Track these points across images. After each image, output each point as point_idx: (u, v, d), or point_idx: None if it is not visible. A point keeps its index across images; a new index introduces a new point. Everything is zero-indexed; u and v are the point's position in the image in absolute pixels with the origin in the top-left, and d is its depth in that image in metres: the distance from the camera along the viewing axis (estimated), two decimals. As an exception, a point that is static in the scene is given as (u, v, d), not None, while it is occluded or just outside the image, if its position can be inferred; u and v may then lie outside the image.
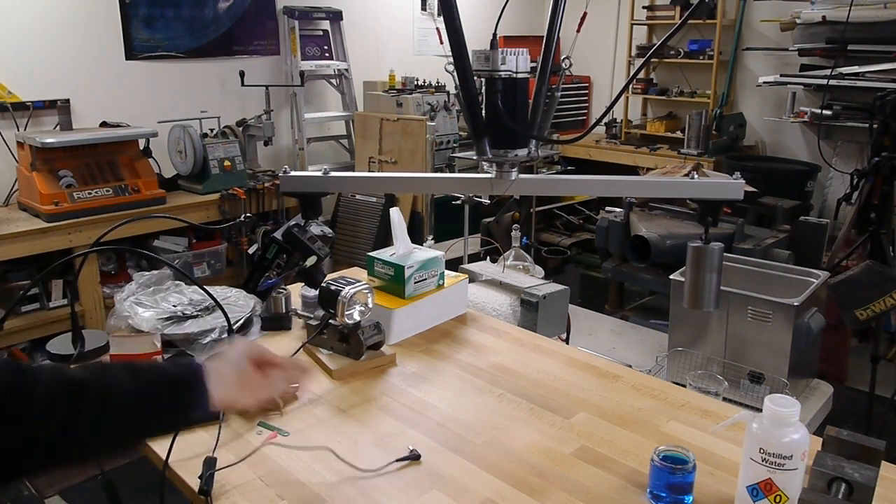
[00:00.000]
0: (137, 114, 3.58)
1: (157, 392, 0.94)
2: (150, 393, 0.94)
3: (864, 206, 3.04)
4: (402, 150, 4.12)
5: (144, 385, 0.93)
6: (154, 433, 1.01)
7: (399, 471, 1.15)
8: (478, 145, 1.20)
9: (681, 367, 2.07)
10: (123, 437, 0.93)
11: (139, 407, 0.92)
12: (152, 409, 0.94)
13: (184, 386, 0.98)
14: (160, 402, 0.94)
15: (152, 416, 0.94)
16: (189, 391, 0.98)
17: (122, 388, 0.91)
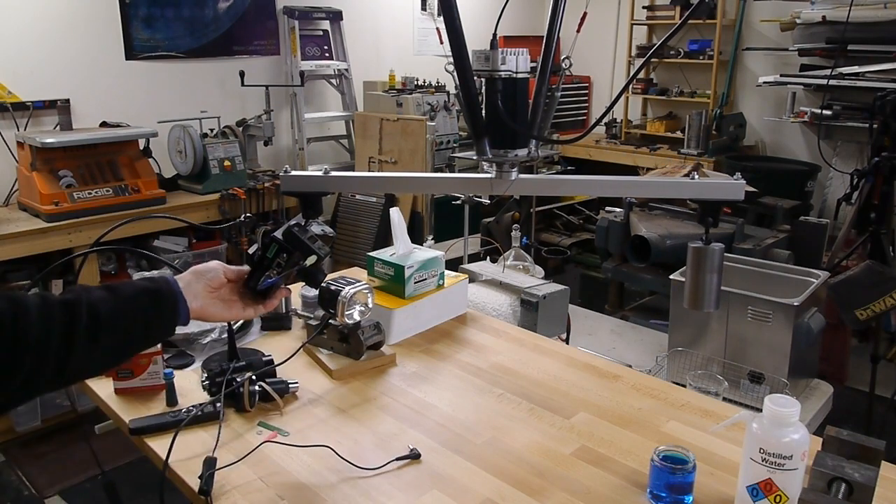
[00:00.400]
0: (137, 114, 3.58)
1: (137, 303, 0.99)
2: (133, 304, 0.99)
3: (864, 206, 3.04)
4: (402, 150, 4.12)
5: (125, 299, 0.98)
6: (142, 342, 1.03)
7: (399, 470, 1.15)
8: (478, 145, 1.20)
9: (681, 367, 2.07)
10: (117, 346, 0.98)
11: (126, 316, 0.97)
12: (138, 318, 0.98)
13: (161, 295, 1.03)
14: (143, 311, 0.99)
15: (138, 324, 0.99)
16: (167, 300, 1.03)
17: (107, 302, 0.96)
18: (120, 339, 0.97)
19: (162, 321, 1.03)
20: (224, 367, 1.35)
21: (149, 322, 1.01)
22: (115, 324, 0.96)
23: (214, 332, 1.57)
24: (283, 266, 1.16)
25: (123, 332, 0.97)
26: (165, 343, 1.51)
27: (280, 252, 1.15)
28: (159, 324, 1.03)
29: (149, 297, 1.01)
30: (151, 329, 1.02)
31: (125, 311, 0.98)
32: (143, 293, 1.01)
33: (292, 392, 1.37)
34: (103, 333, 0.94)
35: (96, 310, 0.94)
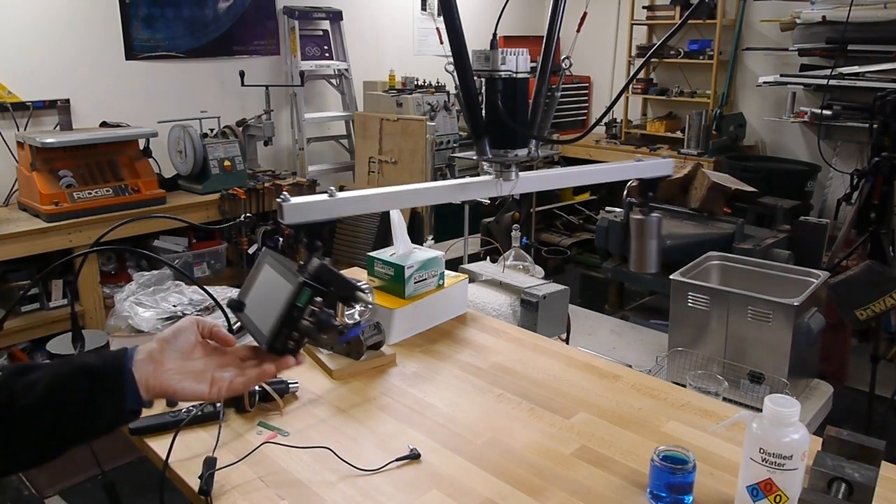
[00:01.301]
0: (137, 114, 3.58)
1: (69, 387, 0.80)
2: (63, 388, 0.80)
3: (864, 206, 3.04)
4: (402, 150, 4.12)
5: (53, 381, 0.80)
6: (75, 435, 0.81)
7: (399, 470, 1.15)
8: (478, 145, 1.20)
9: (681, 367, 2.07)
10: (39, 442, 0.80)
11: (51, 404, 0.79)
12: (66, 406, 0.80)
13: (101, 375, 0.82)
14: (74, 397, 0.80)
15: (66, 414, 0.80)
16: (108, 380, 0.82)
17: (31, 388, 0.79)
18: (42, 433, 0.79)
19: (99, 409, 0.81)
20: (224, 367, 1.35)
21: (81, 411, 0.80)
22: (35, 416, 0.78)
23: (214, 332, 1.57)
24: (318, 315, 0.89)
25: (47, 425, 0.79)
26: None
27: (313, 297, 0.88)
28: (96, 412, 0.81)
29: (86, 377, 0.81)
30: (86, 419, 0.81)
31: (51, 399, 0.79)
32: (79, 372, 0.81)
33: (292, 392, 1.37)
34: (17, 428, 0.77)
35: (11, 400, 0.78)
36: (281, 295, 0.89)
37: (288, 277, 0.91)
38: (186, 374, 0.86)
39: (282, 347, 0.88)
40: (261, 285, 0.97)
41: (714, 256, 2.30)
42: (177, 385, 0.85)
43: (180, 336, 0.88)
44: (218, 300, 1.47)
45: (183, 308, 1.64)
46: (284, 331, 0.87)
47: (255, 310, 0.94)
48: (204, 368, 0.88)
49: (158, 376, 0.84)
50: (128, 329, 1.58)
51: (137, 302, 1.66)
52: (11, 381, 0.79)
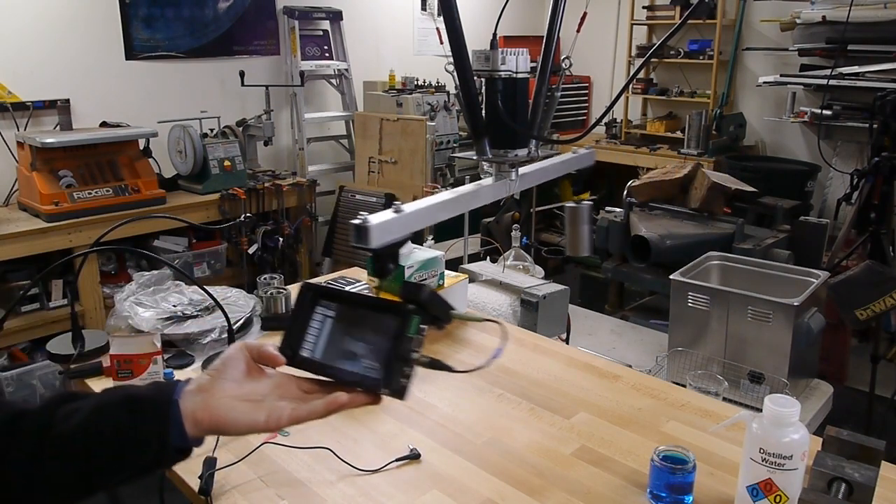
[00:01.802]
0: (137, 114, 3.58)
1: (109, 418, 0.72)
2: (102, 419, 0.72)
3: (864, 206, 3.04)
4: (402, 150, 4.12)
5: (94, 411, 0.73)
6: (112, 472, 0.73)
7: (399, 470, 1.15)
8: (478, 145, 1.20)
9: (681, 367, 2.07)
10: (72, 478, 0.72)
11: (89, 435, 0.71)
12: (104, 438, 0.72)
13: (144, 405, 0.74)
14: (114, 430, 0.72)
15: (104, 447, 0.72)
16: (151, 411, 0.73)
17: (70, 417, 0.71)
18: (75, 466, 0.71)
19: (140, 443, 0.72)
20: (224, 367, 1.35)
21: (119, 444, 0.72)
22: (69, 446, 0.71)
23: (214, 332, 1.57)
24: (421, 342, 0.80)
25: (82, 458, 0.71)
26: (165, 343, 1.51)
27: (420, 325, 0.79)
28: (135, 447, 0.72)
29: (127, 407, 0.73)
30: (124, 453, 0.72)
31: (88, 429, 0.71)
32: (121, 402, 0.74)
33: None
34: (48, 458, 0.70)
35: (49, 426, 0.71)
36: (382, 328, 0.80)
37: (381, 308, 0.82)
38: (240, 403, 0.76)
39: (398, 386, 0.78)
40: (328, 324, 0.83)
41: (714, 256, 2.30)
42: (228, 415, 0.75)
43: (230, 364, 0.78)
44: (218, 300, 1.47)
45: (183, 308, 1.64)
46: (399, 367, 0.78)
47: (329, 351, 0.82)
48: (261, 397, 0.78)
49: (208, 407, 0.74)
50: (128, 329, 1.58)
51: (137, 302, 1.66)
52: (53, 407, 0.73)
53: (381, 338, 0.79)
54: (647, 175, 3.17)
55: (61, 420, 0.71)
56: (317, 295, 0.84)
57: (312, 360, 0.82)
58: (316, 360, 0.81)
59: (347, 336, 0.82)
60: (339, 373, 0.81)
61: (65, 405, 0.73)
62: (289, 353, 0.82)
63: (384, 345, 0.79)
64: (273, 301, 1.70)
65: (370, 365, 0.79)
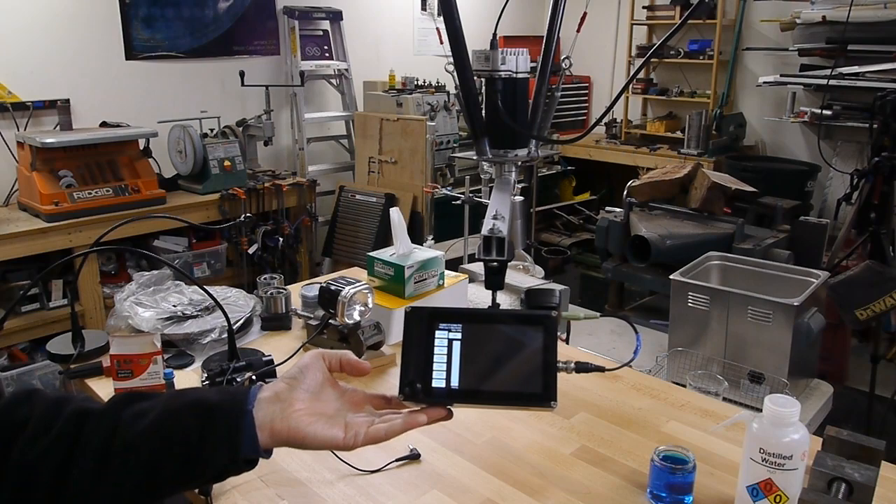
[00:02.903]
0: (137, 114, 3.58)
1: (178, 424, 0.69)
2: (171, 424, 0.70)
3: (864, 206, 3.04)
4: (402, 150, 4.12)
5: (163, 416, 0.70)
6: (175, 481, 0.70)
7: (399, 470, 1.15)
8: (478, 145, 1.20)
9: (681, 367, 2.07)
10: (135, 484, 0.68)
11: (155, 440, 0.69)
12: (174, 444, 0.69)
13: (216, 413, 0.70)
14: (183, 436, 0.69)
15: (172, 454, 0.69)
16: (223, 420, 0.70)
17: (137, 420, 0.69)
18: (141, 473, 0.68)
19: (210, 452, 0.69)
20: (224, 367, 1.35)
21: (188, 452, 0.69)
22: (136, 452, 0.68)
23: (214, 332, 1.57)
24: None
25: (147, 465, 0.68)
26: (165, 343, 1.51)
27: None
28: (205, 456, 0.69)
29: (198, 413, 0.70)
30: (192, 462, 0.69)
31: (156, 435, 0.68)
32: (191, 408, 0.70)
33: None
34: (113, 464, 0.67)
35: (114, 432, 0.68)
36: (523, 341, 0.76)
37: (515, 320, 0.78)
38: (318, 417, 0.73)
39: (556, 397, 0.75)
40: (457, 346, 0.78)
41: (714, 256, 2.30)
42: (307, 428, 0.71)
43: (308, 373, 0.74)
44: (218, 300, 1.47)
45: (183, 308, 1.64)
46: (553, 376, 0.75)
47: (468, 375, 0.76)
48: (336, 411, 0.75)
49: (286, 418, 0.71)
50: (128, 329, 1.58)
51: (137, 302, 1.66)
52: (118, 409, 0.70)
53: (528, 350, 0.75)
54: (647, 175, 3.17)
55: (126, 425, 0.69)
56: (432, 318, 0.79)
57: (451, 389, 0.76)
58: (456, 389, 0.76)
59: (484, 355, 0.77)
60: (491, 397, 0.76)
61: (131, 405, 0.71)
62: (416, 386, 0.76)
63: (535, 357, 0.75)
64: (273, 301, 1.70)
65: (523, 381, 0.75)
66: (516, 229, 1.43)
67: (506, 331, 0.77)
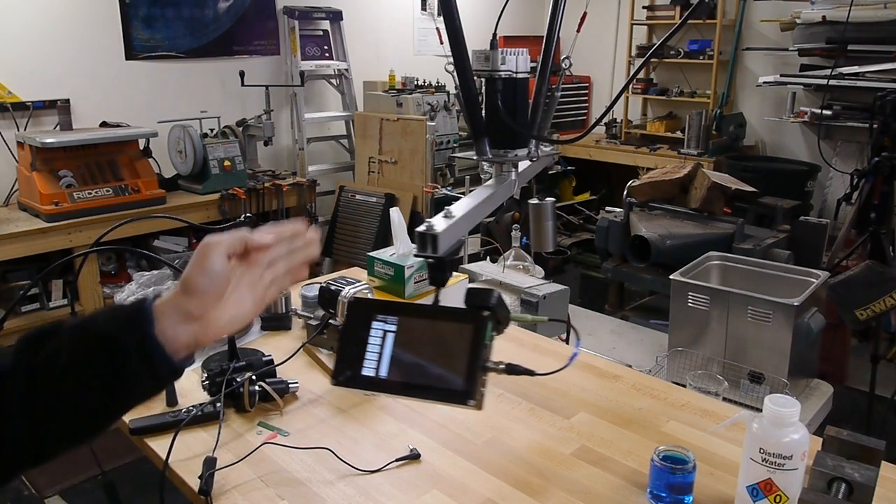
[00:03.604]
0: (137, 114, 3.58)
1: (89, 364, 0.67)
2: (82, 366, 0.67)
3: (864, 206, 3.04)
4: (402, 150, 4.12)
5: (73, 357, 0.67)
6: (111, 410, 0.69)
7: (399, 470, 1.15)
8: (478, 145, 1.20)
9: (681, 367, 2.07)
10: (72, 414, 0.68)
11: (71, 389, 0.66)
12: (91, 389, 0.67)
13: (120, 348, 0.67)
14: (97, 378, 0.67)
15: (92, 395, 0.67)
16: (131, 353, 0.67)
17: (51, 365, 0.67)
18: (72, 416, 0.67)
19: (131, 386, 0.69)
20: (224, 366, 1.35)
21: (110, 390, 0.68)
22: (60, 402, 0.66)
23: (214, 332, 1.57)
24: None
25: (75, 409, 0.67)
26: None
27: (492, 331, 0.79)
28: (127, 389, 0.69)
29: (106, 354, 0.67)
30: (117, 393, 0.68)
31: (74, 382, 0.66)
32: (98, 349, 0.68)
33: (292, 392, 1.37)
34: (44, 398, 0.66)
35: (33, 384, 0.66)
36: (453, 338, 0.77)
37: (449, 317, 0.79)
38: (235, 313, 0.74)
39: (479, 396, 0.78)
40: (390, 339, 0.80)
41: (714, 256, 2.30)
42: (228, 329, 0.74)
43: (214, 278, 0.72)
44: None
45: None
46: (479, 376, 0.76)
47: (396, 367, 0.79)
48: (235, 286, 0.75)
49: (208, 334, 0.72)
50: (128, 329, 1.58)
51: (137, 302, 1.66)
52: (28, 360, 0.68)
53: (455, 347, 0.76)
54: (647, 175, 3.17)
55: (43, 377, 0.67)
56: (371, 309, 0.80)
57: (378, 379, 0.78)
58: (383, 378, 0.78)
59: (414, 349, 0.78)
60: (413, 390, 0.78)
61: (36, 356, 0.68)
62: (348, 374, 0.78)
63: (460, 354, 0.76)
64: (273, 301, 1.70)
65: (446, 377, 0.77)
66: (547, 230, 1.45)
67: (437, 327, 0.79)
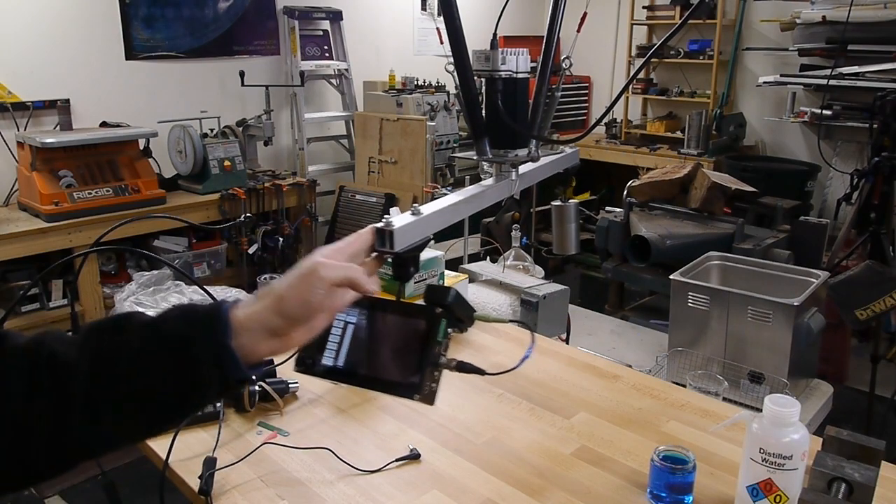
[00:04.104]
0: (137, 114, 3.58)
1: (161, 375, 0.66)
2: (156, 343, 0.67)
3: (864, 206, 3.04)
4: (402, 150, 4.12)
5: (149, 339, 0.67)
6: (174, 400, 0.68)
7: (399, 470, 1.15)
8: (478, 145, 1.20)
9: (681, 367, 2.06)
10: (133, 411, 0.67)
11: (143, 367, 0.66)
12: (160, 366, 0.67)
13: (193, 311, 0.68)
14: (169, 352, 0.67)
15: (160, 375, 0.66)
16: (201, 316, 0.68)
17: (124, 349, 0.66)
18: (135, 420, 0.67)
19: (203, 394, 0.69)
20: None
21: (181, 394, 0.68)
22: (128, 374, 0.66)
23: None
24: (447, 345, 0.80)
25: (142, 412, 0.67)
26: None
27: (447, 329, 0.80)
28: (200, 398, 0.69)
29: (181, 359, 0.67)
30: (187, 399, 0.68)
31: (145, 354, 0.66)
32: (174, 353, 0.67)
33: (292, 392, 1.37)
34: (108, 393, 0.65)
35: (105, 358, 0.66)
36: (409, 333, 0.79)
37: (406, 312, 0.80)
38: (312, 332, 0.73)
39: (429, 392, 0.78)
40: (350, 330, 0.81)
41: (714, 256, 2.30)
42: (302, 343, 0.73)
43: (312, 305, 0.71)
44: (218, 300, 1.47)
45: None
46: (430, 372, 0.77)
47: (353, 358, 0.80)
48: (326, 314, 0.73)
49: (286, 348, 0.72)
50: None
51: (137, 302, 1.66)
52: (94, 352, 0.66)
53: (409, 342, 0.78)
54: (647, 175, 3.17)
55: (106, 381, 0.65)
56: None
57: (336, 368, 0.80)
58: (340, 368, 0.80)
59: (372, 342, 0.80)
60: (366, 381, 0.80)
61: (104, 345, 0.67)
62: (308, 361, 0.80)
63: (413, 349, 0.77)
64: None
65: (399, 371, 0.78)
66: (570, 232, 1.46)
67: (395, 321, 0.80)
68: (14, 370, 0.65)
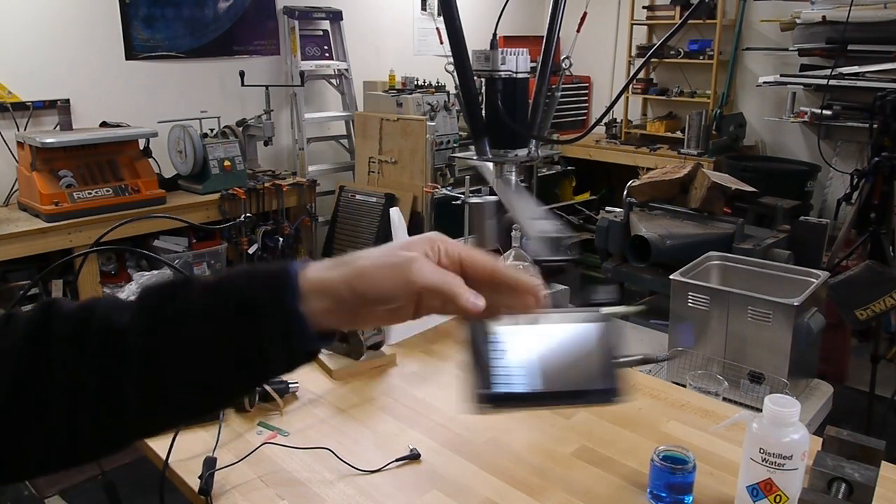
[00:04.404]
0: (137, 114, 3.58)
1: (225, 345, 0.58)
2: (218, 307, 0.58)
3: (864, 206, 3.04)
4: (402, 150, 4.12)
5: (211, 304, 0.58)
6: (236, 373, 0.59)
7: (399, 470, 1.15)
8: (478, 145, 1.20)
9: (681, 367, 2.06)
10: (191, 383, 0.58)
11: (203, 334, 0.57)
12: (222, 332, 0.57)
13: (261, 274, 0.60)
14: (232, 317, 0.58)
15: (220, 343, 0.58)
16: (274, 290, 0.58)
17: (183, 313, 0.58)
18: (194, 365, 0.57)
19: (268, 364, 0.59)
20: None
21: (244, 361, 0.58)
22: (187, 342, 0.57)
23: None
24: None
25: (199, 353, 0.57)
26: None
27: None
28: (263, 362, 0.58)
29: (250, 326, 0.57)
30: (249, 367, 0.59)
31: (205, 319, 0.58)
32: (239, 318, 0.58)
33: (292, 392, 1.37)
34: (164, 363, 0.57)
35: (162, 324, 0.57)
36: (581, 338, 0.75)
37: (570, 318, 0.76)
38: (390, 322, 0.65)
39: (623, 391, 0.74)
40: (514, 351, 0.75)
41: (714, 256, 2.30)
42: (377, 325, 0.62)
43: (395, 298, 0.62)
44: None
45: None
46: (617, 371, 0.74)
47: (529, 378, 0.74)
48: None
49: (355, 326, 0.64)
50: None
51: (137, 302, 1.66)
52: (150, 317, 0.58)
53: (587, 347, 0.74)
54: (647, 175, 3.16)
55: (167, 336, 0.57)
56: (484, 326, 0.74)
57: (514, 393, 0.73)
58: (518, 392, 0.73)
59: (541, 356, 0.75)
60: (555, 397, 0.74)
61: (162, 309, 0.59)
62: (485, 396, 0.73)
63: (594, 353, 0.74)
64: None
65: (585, 378, 0.74)
66: (487, 229, 1.47)
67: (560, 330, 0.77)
68: (63, 340, 0.57)
